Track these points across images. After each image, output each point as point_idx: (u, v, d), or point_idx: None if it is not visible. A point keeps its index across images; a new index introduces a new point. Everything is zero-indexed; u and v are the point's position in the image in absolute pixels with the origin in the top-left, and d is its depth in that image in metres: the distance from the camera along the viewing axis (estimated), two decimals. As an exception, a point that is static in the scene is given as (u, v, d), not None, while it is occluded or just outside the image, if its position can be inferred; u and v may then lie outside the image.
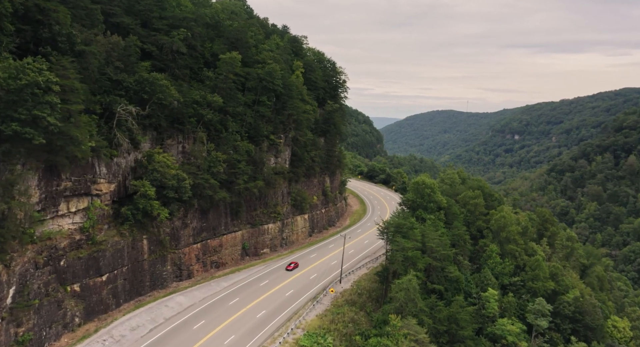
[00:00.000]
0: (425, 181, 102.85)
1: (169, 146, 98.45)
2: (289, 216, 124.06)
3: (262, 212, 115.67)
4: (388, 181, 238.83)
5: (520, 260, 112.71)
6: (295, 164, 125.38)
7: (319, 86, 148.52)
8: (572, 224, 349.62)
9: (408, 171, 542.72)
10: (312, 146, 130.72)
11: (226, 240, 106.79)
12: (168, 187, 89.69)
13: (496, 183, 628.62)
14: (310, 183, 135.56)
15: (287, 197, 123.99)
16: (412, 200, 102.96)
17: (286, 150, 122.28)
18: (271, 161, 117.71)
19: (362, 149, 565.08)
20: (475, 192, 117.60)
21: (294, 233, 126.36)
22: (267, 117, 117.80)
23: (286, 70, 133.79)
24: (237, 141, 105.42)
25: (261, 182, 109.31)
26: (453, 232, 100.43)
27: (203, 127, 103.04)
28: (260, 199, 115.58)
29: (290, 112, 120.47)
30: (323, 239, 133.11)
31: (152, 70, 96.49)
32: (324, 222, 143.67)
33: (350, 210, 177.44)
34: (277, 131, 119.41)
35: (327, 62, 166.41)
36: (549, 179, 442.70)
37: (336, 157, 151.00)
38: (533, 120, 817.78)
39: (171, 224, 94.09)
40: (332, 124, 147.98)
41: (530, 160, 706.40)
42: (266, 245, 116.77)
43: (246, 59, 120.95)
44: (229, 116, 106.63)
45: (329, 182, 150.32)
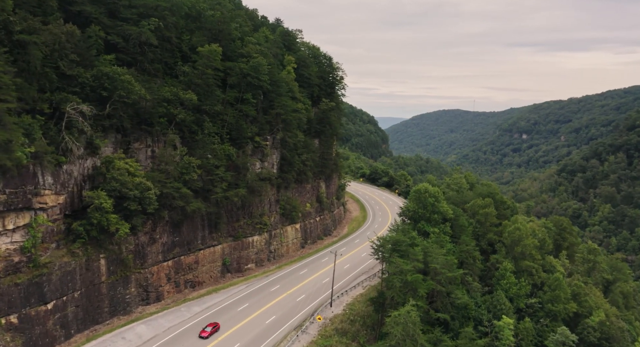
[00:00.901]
0: (429, 189, 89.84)
1: (137, 150, 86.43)
2: (277, 226, 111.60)
3: (245, 223, 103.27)
4: (391, 184, 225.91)
5: (538, 278, 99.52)
6: (284, 168, 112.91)
7: (313, 83, 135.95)
8: (585, 228, 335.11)
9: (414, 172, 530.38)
10: (303, 148, 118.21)
11: (203, 256, 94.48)
12: (129, 198, 77.53)
13: (504, 183, 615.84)
14: (302, 189, 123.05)
15: (276, 205, 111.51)
16: (413, 210, 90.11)
17: (274, 153, 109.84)
18: (256, 166, 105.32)
19: (366, 150, 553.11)
20: (485, 201, 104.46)
21: (284, 245, 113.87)
22: (251, 117, 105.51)
23: (275, 65, 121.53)
24: (214, 144, 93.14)
25: (243, 190, 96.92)
26: (461, 248, 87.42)
27: (176, 128, 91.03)
28: (244, 209, 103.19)
29: (278, 110, 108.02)
30: (317, 251, 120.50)
31: (118, 64, 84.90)
32: (318, 231, 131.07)
33: (349, 216, 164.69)
34: (263, 132, 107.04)
35: (322, 58, 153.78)
36: (560, 180, 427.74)
37: (332, 160, 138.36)
38: (541, 119, 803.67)
39: (136, 239, 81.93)
40: (328, 124, 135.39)
41: (538, 160, 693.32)
42: (251, 260, 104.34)
43: (229, 52, 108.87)
44: (205, 116, 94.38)
45: (325, 188, 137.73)
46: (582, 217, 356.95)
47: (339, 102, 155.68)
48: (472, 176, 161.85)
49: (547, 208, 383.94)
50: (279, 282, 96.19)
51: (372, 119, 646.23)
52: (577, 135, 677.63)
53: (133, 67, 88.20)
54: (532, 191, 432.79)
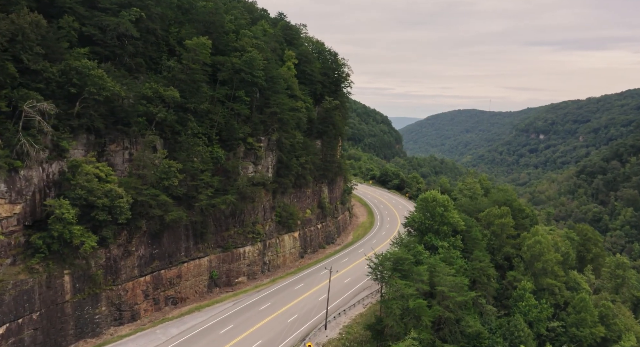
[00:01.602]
0: (437, 197, 79.62)
1: (113, 153, 78.15)
2: (272, 235, 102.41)
3: (236, 232, 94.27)
4: (402, 186, 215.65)
5: (561, 297, 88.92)
6: (281, 172, 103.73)
7: (315, 80, 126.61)
8: (606, 232, 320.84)
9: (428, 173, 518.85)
10: (302, 150, 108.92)
11: (187, 269, 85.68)
12: (97, 207, 69.03)
13: (521, 185, 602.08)
14: (301, 194, 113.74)
15: (271, 212, 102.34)
16: (420, 221, 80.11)
17: (269, 156, 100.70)
18: (249, 170, 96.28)
19: (379, 150, 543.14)
20: (501, 210, 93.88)
21: (280, 256, 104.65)
22: (244, 116, 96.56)
23: (273, 60, 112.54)
24: (199, 146, 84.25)
25: (232, 196, 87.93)
26: (473, 265, 77.13)
27: (157, 129, 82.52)
28: (234, 217, 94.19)
29: (273, 109, 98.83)
30: (317, 262, 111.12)
31: (94, 58, 76.80)
32: (319, 240, 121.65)
33: (355, 222, 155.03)
34: (257, 133, 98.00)
35: (327, 53, 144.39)
36: (579, 182, 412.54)
37: (336, 162, 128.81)
38: (559, 119, 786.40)
39: (107, 253, 73.34)
40: (331, 124, 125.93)
41: (556, 160, 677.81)
42: (242, 272, 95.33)
43: (221, 46, 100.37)
44: (190, 115, 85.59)
45: (327, 192, 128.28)
46: (602, 221, 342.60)
47: (345, 100, 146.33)
48: (487, 181, 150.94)
49: (566, 211, 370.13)
50: (270, 298, 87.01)
51: (386, 119, 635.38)
52: (596, 135, 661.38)
53: (109, 62, 79.84)
54: (550, 194, 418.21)
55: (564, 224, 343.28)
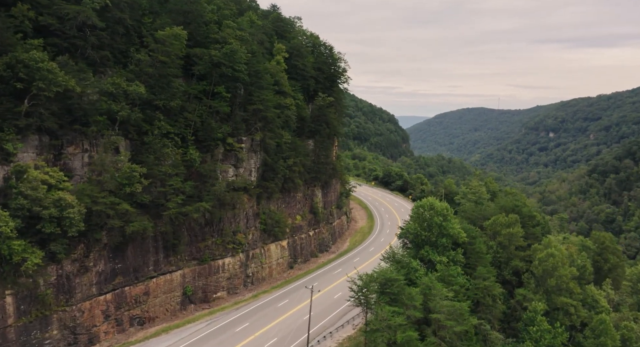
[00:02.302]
0: (435, 205, 69.87)
1: (71, 156, 69.45)
2: (256, 245, 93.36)
3: (214, 242, 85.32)
4: (405, 188, 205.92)
5: (577, 317, 78.96)
6: (266, 175, 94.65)
7: (308, 75, 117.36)
8: (620, 234, 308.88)
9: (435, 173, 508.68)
10: (291, 151, 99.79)
11: (156, 285, 76.84)
12: (44, 219, 60.41)
13: (530, 184, 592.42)
14: (290, 199, 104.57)
15: (255, 220, 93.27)
16: (415, 233, 70.41)
17: (252, 157, 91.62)
18: (229, 173, 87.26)
19: (386, 149, 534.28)
20: (509, 218, 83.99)
21: (265, 267, 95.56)
22: (223, 114, 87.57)
23: (260, 53, 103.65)
24: (168, 147, 75.31)
25: (207, 203, 78.92)
26: (476, 284, 67.45)
27: (121, 128, 73.80)
28: (212, 225, 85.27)
29: (256, 106, 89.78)
30: (308, 273, 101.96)
31: (52, 51, 68.60)
32: (312, 248, 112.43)
33: (353, 227, 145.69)
34: (238, 133, 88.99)
35: (322, 47, 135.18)
36: (591, 181, 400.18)
37: (330, 164, 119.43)
38: (569, 116, 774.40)
39: (58, 269, 64.58)
40: (324, 122, 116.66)
41: (566, 159, 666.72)
42: (221, 287, 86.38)
43: (200, 38, 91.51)
44: (159, 113, 76.72)
45: (321, 196, 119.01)
46: (615, 223, 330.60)
47: (341, 97, 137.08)
48: (494, 183, 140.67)
49: (578, 212, 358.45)
50: (250, 317, 77.94)
51: (392, 118, 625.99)
52: (607, 133, 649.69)
53: (67, 54, 71.11)
54: (561, 193, 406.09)
55: (576, 225, 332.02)
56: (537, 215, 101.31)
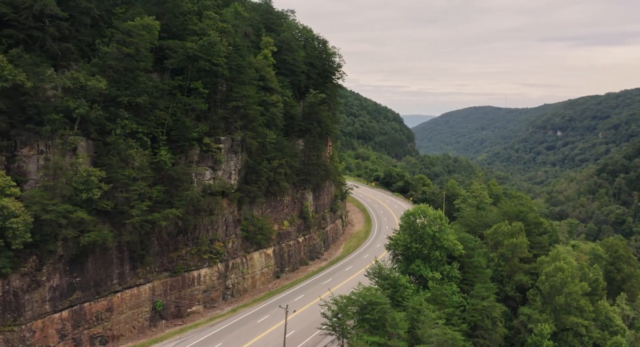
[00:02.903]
0: (428, 213, 62.01)
1: (26, 158, 62.58)
2: (237, 253, 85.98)
3: (188, 252, 78.00)
4: (407, 189, 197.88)
5: (588, 338, 70.51)
6: (248, 178, 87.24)
7: (298, 70, 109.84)
8: (630, 236, 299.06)
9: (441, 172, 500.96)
10: (276, 151, 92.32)
11: (121, 300, 69.63)
12: (-19, 230, 53.42)
13: (537, 183, 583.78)
14: (276, 204, 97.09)
15: (235, 226, 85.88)
16: (405, 245, 62.48)
17: (231, 159, 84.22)
18: (205, 176, 79.92)
19: (390, 149, 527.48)
20: (513, 226, 75.78)
21: (248, 278, 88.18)
22: (199, 112, 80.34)
23: (245, 47, 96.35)
24: (132, 148, 68.02)
25: (178, 210, 71.61)
26: (474, 304, 59.33)
27: (81, 128, 66.78)
28: (186, 234, 77.98)
29: (235, 103, 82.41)
30: (295, 283, 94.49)
31: (7, 43, 62.02)
32: (301, 255, 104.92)
33: (349, 232, 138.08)
34: (216, 132, 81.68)
35: (315, 41, 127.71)
36: (600, 181, 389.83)
37: (322, 165, 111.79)
38: (577, 115, 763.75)
39: (4, 285, 57.48)
40: (316, 121, 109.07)
41: (574, 158, 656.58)
42: (196, 300, 79.07)
43: (177, 29, 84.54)
44: (123, 110, 69.46)
45: (312, 199, 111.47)
46: (626, 224, 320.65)
47: (335, 94, 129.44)
48: (497, 185, 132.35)
49: (587, 213, 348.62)
50: (224, 335, 70.57)
51: (397, 117, 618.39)
52: (616, 132, 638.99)
53: (21, 46, 64.17)
54: (569, 194, 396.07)
55: (585, 226, 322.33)
56: (544, 221, 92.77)
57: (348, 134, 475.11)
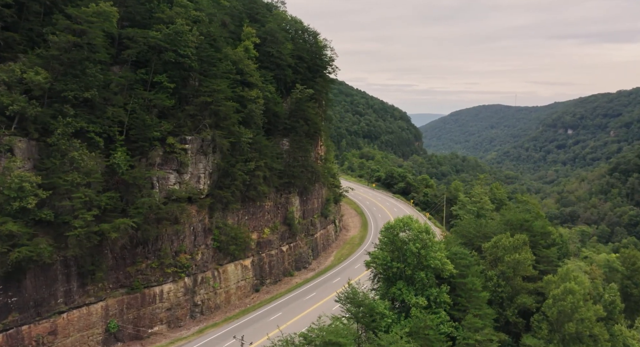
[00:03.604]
0: (412, 226, 52.52)
1: (-44, 161, 54.30)
2: (207, 266, 77.30)
3: (149, 266, 69.40)
4: (408, 190, 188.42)
5: (602, 371, 61.45)
6: (221, 182, 78.57)
7: (283, 64, 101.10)
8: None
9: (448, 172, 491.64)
10: (254, 152, 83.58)
11: (67, 321, 61.21)
12: None
13: (548, 183, 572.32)
14: (255, 210, 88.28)
15: (206, 236, 77.21)
16: (385, 264, 53.06)
17: (200, 161, 75.53)
18: (169, 181, 71.32)
19: (397, 148, 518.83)
20: (516, 239, 65.99)
21: (221, 293, 79.50)
22: (162, 108, 71.82)
23: (222, 38, 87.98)
24: (76, 150, 59.54)
25: (133, 219, 63.09)
26: (465, 338, 49.64)
27: (20, 127, 58.63)
28: (146, 246, 69.41)
29: (203, 98, 73.79)
30: (275, 298, 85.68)
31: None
32: (285, 265, 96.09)
33: (343, 238, 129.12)
34: (181, 131, 73.10)
35: (305, 33, 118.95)
36: (612, 181, 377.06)
37: (310, 166, 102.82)
38: (588, 113, 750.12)
39: None
40: (302, 118, 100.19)
41: (586, 157, 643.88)
42: (159, 320, 70.51)
43: (141, 17, 76.35)
44: (68, 107, 61.02)
45: (299, 204, 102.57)
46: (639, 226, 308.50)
47: (326, 90, 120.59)
48: (501, 189, 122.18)
49: (599, 214, 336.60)
50: (185, 363, 61.95)
51: (405, 115, 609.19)
52: (628, 130, 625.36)
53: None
54: (580, 194, 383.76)
55: (597, 228, 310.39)
56: (553, 231, 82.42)
57: (354, 133, 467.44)
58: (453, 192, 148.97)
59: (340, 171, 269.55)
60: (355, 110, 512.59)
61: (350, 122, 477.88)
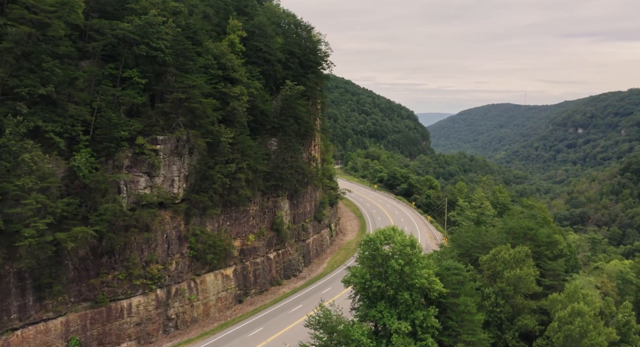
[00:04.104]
0: (395, 239, 45.91)
1: None
2: (182, 277, 71.47)
3: (115, 277, 63.67)
4: (411, 192, 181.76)
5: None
6: (198, 186, 72.71)
7: (273, 59, 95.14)
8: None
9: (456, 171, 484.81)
10: (236, 153, 77.64)
11: (21, 339, 55.64)
12: None
13: (557, 183, 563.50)
14: (239, 215, 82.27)
15: (181, 244, 71.37)
16: (364, 282, 46.45)
17: (174, 163, 69.72)
18: (139, 185, 65.55)
19: (404, 147, 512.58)
20: (518, 251, 58.89)
21: (198, 305, 73.65)
22: (131, 106, 66.14)
23: (203, 31, 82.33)
24: (27, 152, 53.88)
25: (93, 227, 57.43)
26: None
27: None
28: (112, 255, 63.69)
29: (176, 95, 67.98)
30: (259, 310, 79.66)
31: None
32: (273, 274, 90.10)
33: (339, 242, 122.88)
34: (153, 130, 67.33)
35: (297, 27, 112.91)
36: (623, 181, 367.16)
37: (299, 168, 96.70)
38: (598, 112, 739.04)
39: None
40: (291, 117, 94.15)
41: (596, 156, 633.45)
42: (127, 336, 64.77)
43: (114, 9, 70.80)
44: (22, 105, 55.44)
45: (288, 208, 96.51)
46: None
47: (320, 87, 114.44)
48: (504, 192, 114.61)
49: (609, 215, 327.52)
50: (150, 386, 56.14)
51: (412, 114, 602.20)
52: (639, 129, 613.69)
53: None
54: (591, 194, 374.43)
55: (607, 230, 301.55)
56: (560, 240, 74.62)
57: (360, 133, 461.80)
58: (456, 194, 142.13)
59: (344, 171, 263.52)
60: (361, 109, 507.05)
61: (356, 121, 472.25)
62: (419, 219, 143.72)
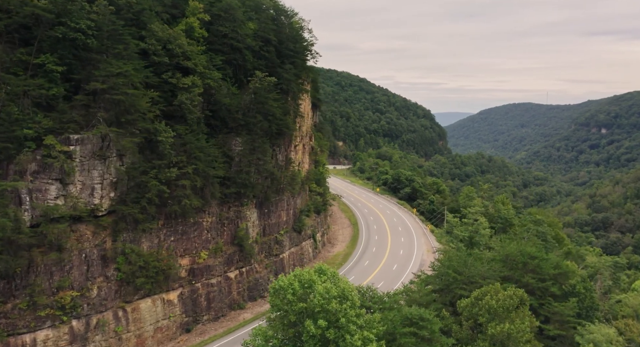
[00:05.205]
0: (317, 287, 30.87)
1: None
2: (107, 304, 59.22)
3: (17, 307, 51.72)
4: (414, 196, 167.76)
5: None
6: (130, 196, 60.42)
7: (241, 46, 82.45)
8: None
9: (472, 172, 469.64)
10: (181, 155, 65.19)
11: None
12: None
13: (580, 185, 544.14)
14: (187, 228, 69.68)
15: (105, 265, 59.14)
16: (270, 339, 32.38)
17: (96, 167, 57.51)
18: (49, 194, 53.56)
19: (419, 147, 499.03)
20: (510, 295, 41.72)
21: (129, 338, 61.41)
22: (39, 98, 54.15)
23: (153, 13, 70.41)
24: None
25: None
26: None
27: None
28: (12, 281, 51.74)
29: (95, 85, 55.77)
30: (208, 342, 67.26)
31: None
32: (234, 296, 77.44)
33: (325, 254, 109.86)
34: (67, 128, 55.26)
35: (280, 12, 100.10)
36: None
37: (268, 172, 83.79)
38: (623, 111, 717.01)
39: None
40: (261, 113, 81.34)
41: (620, 157, 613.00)
42: (29, 380, 52.87)
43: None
44: None
45: (256, 219, 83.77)
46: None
47: (302, 81, 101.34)
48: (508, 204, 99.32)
49: (634, 221, 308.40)
50: None
51: (428, 113, 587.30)
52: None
53: None
54: (614, 198, 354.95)
55: (632, 237, 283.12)
56: (573, 269, 58.04)
57: (373, 132, 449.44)
58: (461, 202, 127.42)
59: (350, 173, 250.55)
60: (375, 108, 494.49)
61: (369, 120, 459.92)
62: (418, 227, 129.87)
